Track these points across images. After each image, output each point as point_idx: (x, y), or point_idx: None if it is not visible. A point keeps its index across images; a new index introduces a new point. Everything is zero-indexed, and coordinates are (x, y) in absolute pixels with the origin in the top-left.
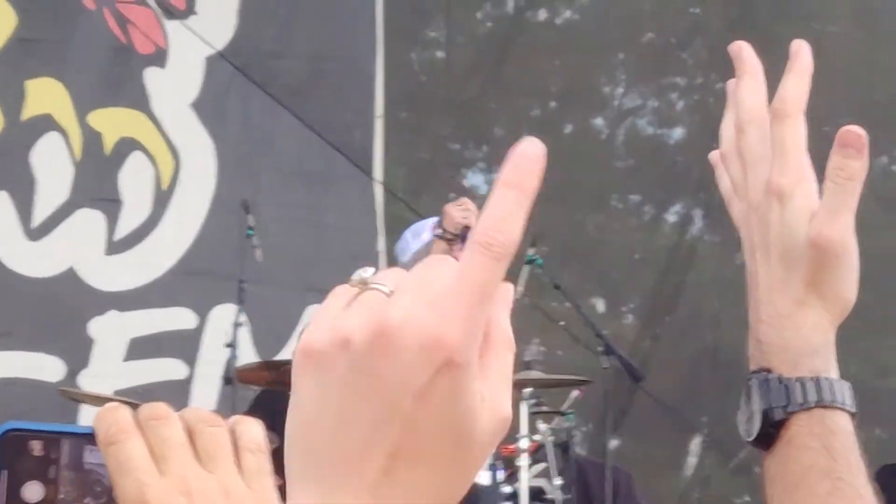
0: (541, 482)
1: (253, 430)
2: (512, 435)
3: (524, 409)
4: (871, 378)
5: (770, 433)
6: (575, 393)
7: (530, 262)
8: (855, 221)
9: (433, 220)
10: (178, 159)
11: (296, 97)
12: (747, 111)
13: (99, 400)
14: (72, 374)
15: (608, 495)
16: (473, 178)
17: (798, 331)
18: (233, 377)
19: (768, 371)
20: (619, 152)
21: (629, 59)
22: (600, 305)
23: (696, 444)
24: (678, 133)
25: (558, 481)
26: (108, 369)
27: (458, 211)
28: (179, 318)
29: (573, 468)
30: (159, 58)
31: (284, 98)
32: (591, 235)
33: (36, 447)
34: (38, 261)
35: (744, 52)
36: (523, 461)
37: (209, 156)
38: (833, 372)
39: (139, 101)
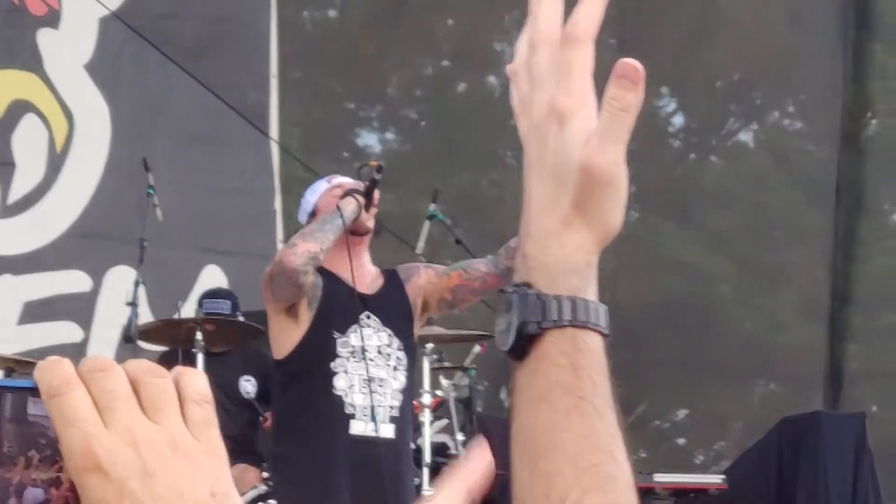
0: (444, 438)
1: (198, 381)
2: (415, 391)
3: (426, 365)
4: (766, 334)
5: (523, 346)
6: (477, 348)
7: (431, 217)
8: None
9: (328, 177)
10: (72, 122)
11: (190, 58)
12: (542, 31)
13: None
14: None
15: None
16: (367, 138)
17: (561, 248)
18: (134, 336)
19: (528, 286)
20: (513, 110)
21: (522, 16)
22: None
23: None
24: None
25: (461, 437)
26: (1, 333)
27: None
28: (74, 281)
29: (476, 424)
30: (52, 19)
31: (179, 59)
32: (487, 192)
33: None
34: None
35: None
36: (426, 417)
37: (103, 118)
38: (591, 294)
39: (32, 63)
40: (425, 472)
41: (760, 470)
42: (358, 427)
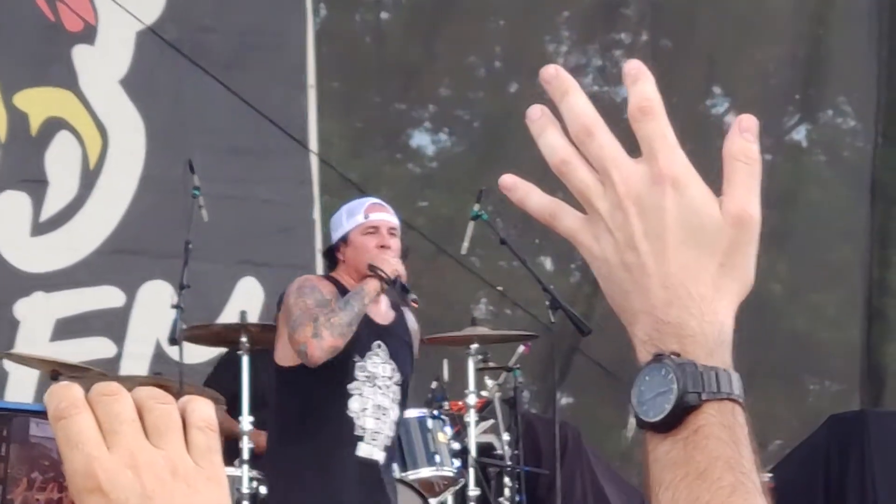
0: (489, 438)
1: (203, 408)
2: (459, 391)
3: (471, 365)
4: (819, 332)
5: (679, 417)
6: (521, 348)
7: (475, 217)
8: None
9: (369, 202)
10: (106, 138)
11: (227, 70)
12: (590, 117)
13: (40, 363)
14: None
15: (557, 450)
16: (419, 139)
17: (715, 315)
18: (179, 338)
19: (677, 355)
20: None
21: (573, 17)
22: (548, 263)
23: None
24: (624, 91)
25: (506, 437)
26: (33, 351)
27: (390, 265)
28: (107, 297)
29: (521, 423)
30: (88, 35)
31: (215, 71)
32: None
33: None
34: None
35: (560, 72)
36: (471, 417)
37: (138, 133)
38: (731, 365)
39: (67, 79)
40: (471, 472)
41: (808, 468)
42: (364, 450)
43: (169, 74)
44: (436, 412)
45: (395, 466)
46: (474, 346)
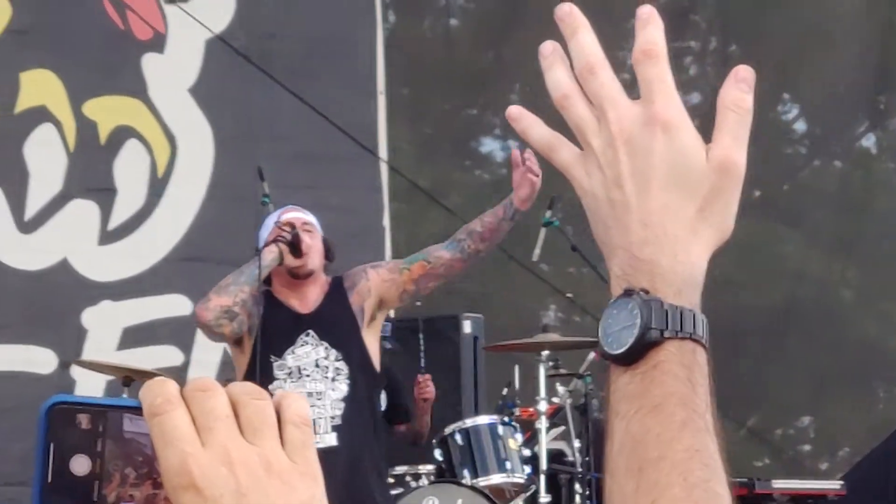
0: (560, 445)
1: (298, 403)
2: (530, 398)
3: (542, 372)
4: (890, 338)
5: (640, 352)
6: (592, 355)
7: (547, 224)
8: None
9: (284, 208)
10: (174, 146)
11: (296, 78)
12: (596, 55)
13: (112, 369)
14: (64, 366)
15: None
16: (489, 145)
17: (688, 256)
18: None
19: (647, 291)
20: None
21: None
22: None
23: None
24: (694, 98)
25: (577, 443)
26: (101, 359)
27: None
28: (174, 305)
29: (592, 430)
30: (158, 43)
31: (284, 79)
32: None
33: (83, 420)
34: (30, 253)
35: (574, 11)
36: (542, 424)
37: (206, 141)
38: (698, 307)
39: (136, 88)
40: (542, 479)
41: (879, 475)
42: None
43: (238, 82)
44: (507, 419)
45: (466, 472)
46: (545, 353)
